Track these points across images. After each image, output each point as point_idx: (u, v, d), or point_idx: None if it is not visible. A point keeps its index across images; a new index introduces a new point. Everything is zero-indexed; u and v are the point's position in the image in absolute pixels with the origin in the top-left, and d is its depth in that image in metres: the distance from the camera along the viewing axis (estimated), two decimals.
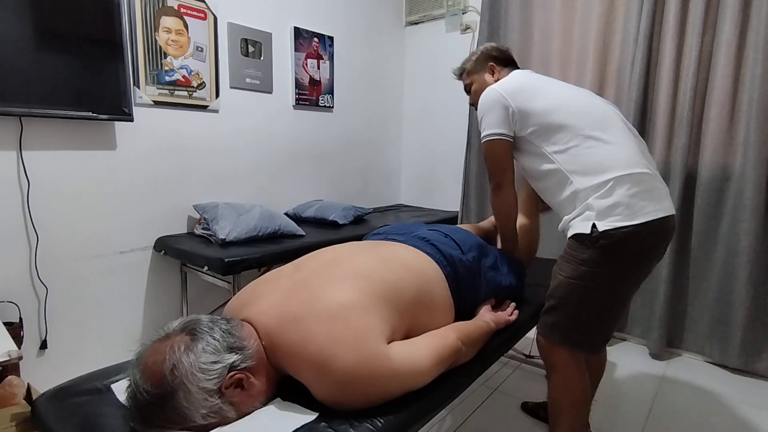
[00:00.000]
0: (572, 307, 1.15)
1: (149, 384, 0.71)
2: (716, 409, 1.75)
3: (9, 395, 1.02)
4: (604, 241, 1.07)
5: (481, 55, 1.46)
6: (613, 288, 1.13)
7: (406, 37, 3.19)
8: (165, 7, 1.88)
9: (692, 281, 2.12)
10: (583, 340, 1.17)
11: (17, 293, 1.60)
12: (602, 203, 1.08)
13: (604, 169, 1.10)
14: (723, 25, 1.93)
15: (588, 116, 1.18)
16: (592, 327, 1.17)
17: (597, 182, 1.10)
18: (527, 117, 1.21)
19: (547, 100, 1.21)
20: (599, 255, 1.08)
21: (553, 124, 1.18)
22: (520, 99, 1.22)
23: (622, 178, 1.08)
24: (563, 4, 2.36)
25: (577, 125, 1.16)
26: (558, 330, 1.18)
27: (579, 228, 1.11)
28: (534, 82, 1.28)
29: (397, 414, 0.80)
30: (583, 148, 1.14)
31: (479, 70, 1.46)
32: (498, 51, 1.45)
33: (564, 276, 1.15)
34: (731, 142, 1.98)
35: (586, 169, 1.13)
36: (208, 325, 0.78)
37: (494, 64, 1.43)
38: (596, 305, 1.14)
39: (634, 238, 1.06)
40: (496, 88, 1.25)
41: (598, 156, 1.13)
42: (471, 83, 1.48)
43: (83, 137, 1.72)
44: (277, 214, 2.05)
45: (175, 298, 2.09)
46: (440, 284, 1.06)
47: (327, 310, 0.80)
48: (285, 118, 2.48)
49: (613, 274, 1.11)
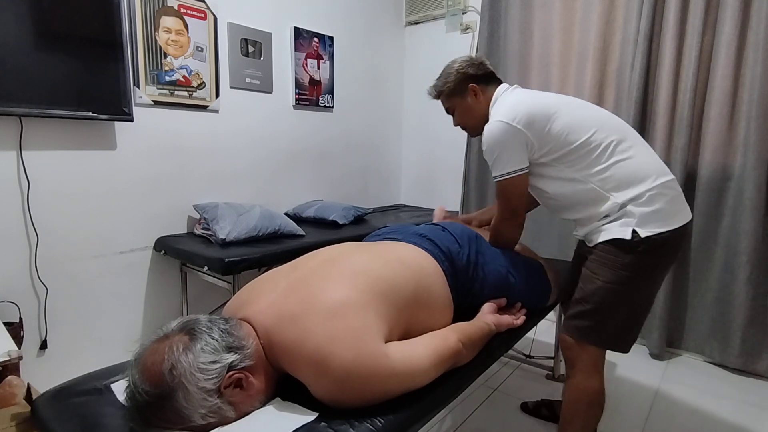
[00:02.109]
0: (610, 311, 1.16)
1: (148, 384, 0.71)
2: (716, 409, 1.75)
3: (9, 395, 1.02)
4: (645, 246, 1.10)
5: (458, 75, 1.33)
6: (648, 289, 1.18)
7: (406, 37, 3.19)
8: (165, 7, 1.88)
9: (692, 281, 2.12)
10: (618, 341, 1.20)
11: (17, 293, 1.60)
12: (643, 210, 1.10)
13: (640, 179, 1.12)
14: (723, 25, 1.92)
15: (606, 130, 1.17)
16: (627, 328, 1.20)
17: (636, 193, 1.12)
18: (547, 144, 1.17)
19: (562, 122, 1.17)
20: (640, 259, 1.11)
21: (576, 145, 1.16)
22: (537, 128, 1.16)
23: (658, 187, 1.12)
24: (563, 4, 2.36)
25: (599, 142, 1.15)
26: (593, 333, 1.18)
27: (617, 233, 1.12)
28: (541, 104, 1.21)
29: (397, 414, 0.80)
30: (613, 163, 1.14)
31: (459, 93, 1.34)
32: (475, 67, 1.33)
33: (603, 281, 1.15)
34: (731, 142, 1.98)
35: (621, 183, 1.13)
36: (206, 325, 0.78)
37: (475, 84, 1.31)
38: (633, 307, 1.17)
39: (671, 241, 1.11)
40: (508, 122, 1.17)
41: (631, 168, 1.13)
42: (453, 107, 1.38)
43: (83, 137, 1.72)
44: (277, 214, 2.05)
45: (175, 298, 2.09)
46: (439, 280, 1.06)
47: (325, 308, 0.81)
48: (285, 118, 2.48)
49: (650, 276, 1.15)
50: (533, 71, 2.50)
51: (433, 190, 3.19)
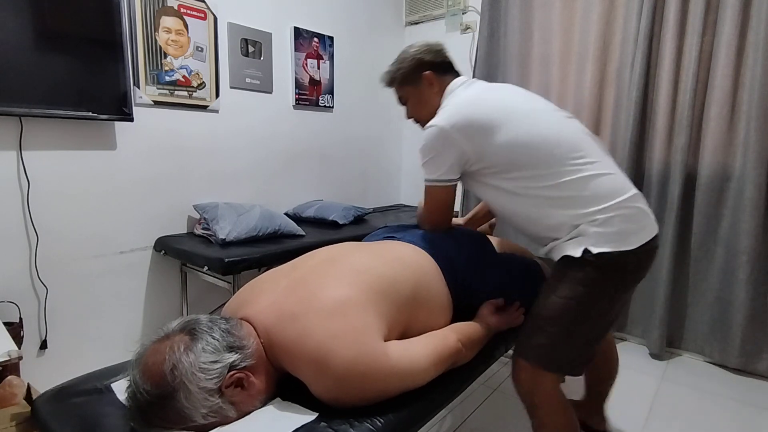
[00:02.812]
0: (565, 327, 1.04)
1: (149, 384, 0.71)
2: (716, 409, 1.75)
3: (9, 395, 1.02)
4: (598, 262, 1.00)
5: (413, 61, 1.23)
6: (606, 308, 1.07)
7: (406, 37, 3.18)
8: (165, 7, 1.88)
9: (692, 281, 2.12)
10: (572, 364, 1.08)
11: (17, 293, 1.60)
12: (598, 231, 1.01)
13: (595, 198, 1.02)
14: (723, 25, 1.92)
15: (562, 144, 1.05)
16: (582, 349, 1.09)
17: (590, 212, 1.02)
18: (487, 157, 1.07)
19: (510, 132, 1.05)
20: (595, 274, 1.02)
21: (523, 159, 1.05)
22: (478, 137, 1.05)
23: (615, 207, 1.01)
24: (563, 4, 2.36)
25: (550, 158, 1.04)
26: (546, 353, 1.05)
27: (570, 251, 1.03)
28: (489, 111, 1.08)
29: (397, 414, 0.80)
30: (564, 181, 1.03)
31: (413, 82, 1.24)
32: (432, 53, 1.23)
33: (559, 296, 1.05)
34: (731, 142, 1.98)
35: (573, 203, 1.03)
36: (207, 325, 0.78)
37: (432, 72, 1.21)
38: (589, 326, 1.06)
39: (631, 260, 1.02)
40: (443, 126, 1.07)
41: (584, 186, 1.03)
42: (405, 96, 1.28)
43: (83, 137, 1.72)
44: (277, 214, 2.05)
45: (175, 298, 2.09)
46: (438, 279, 1.06)
47: (325, 306, 0.81)
48: (285, 118, 2.48)
49: (607, 293, 1.05)
50: (533, 71, 2.51)
51: None
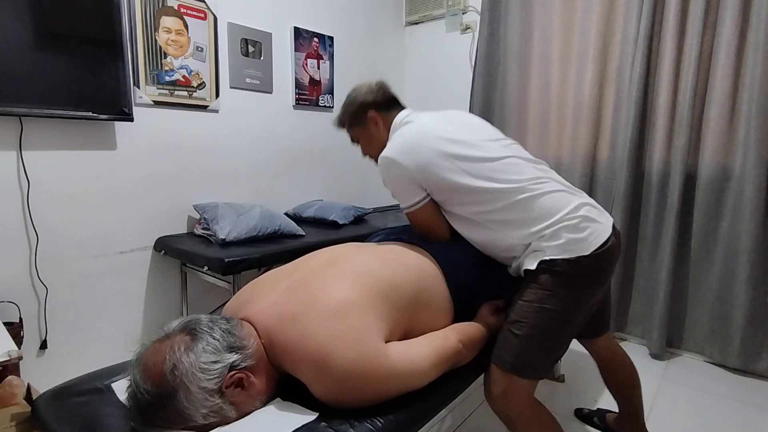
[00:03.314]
0: (531, 330, 1.05)
1: (150, 384, 0.71)
2: (716, 409, 1.75)
3: (9, 395, 1.02)
4: (554, 269, 1.03)
5: (357, 107, 1.29)
6: (570, 311, 1.07)
7: (406, 37, 3.18)
8: (165, 7, 1.88)
9: (692, 281, 2.12)
10: (540, 367, 1.09)
11: (17, 293, 1.60)
12: (546, 244, 1.05)
13: (540, 217, 1.05)
14: (723, 25, 1.92)
15: (504, 171, 1.09)
16: (549, 351, 1.10)
17: (534, 230, 1.05)
18: (436, 187, 1.12)
19: (453, 169, 1.09)
20: (553, 279, 1.04)
21: (469, 190, 1.09)
22: (428, 172, 1.10)
23: (557, 221, 1.04)
24: (563, 4, 2.36)
25: (494, 186, 1.07)
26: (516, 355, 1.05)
27: (528, 265, 1.07)
28: (430, 146, 1.11)
29: (397, 414, 0.80)
30: (508, 201, 1.07)
31: (360, 123, 1.30)
32: (373, 93, 1.28)
33: (522, 300, 1.07)
34: (731, 142, 1.98)
35: (520, 223, 1.07)
36: (207, 325, 0.78)
37: (375, 112, 1.27)
38: (555, 328, 1.07)
39: (582, 264, 1.03)
40: (391, 156, 1.12)
41: (529, 207, 1.06)
42: (356, 137, 1.36)
43: (83, 137, 1.72)
44: (277, 214, 2.04)
45: (175, 298, 2.09)
46: (439, 281, 1.06)
47: (326, 308, 0.81)
48: (285, 118, 2.47)
49: (567, 296, 1.05)
50: (533, 71, 2.51)
51: None
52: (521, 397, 1.08)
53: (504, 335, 1.08)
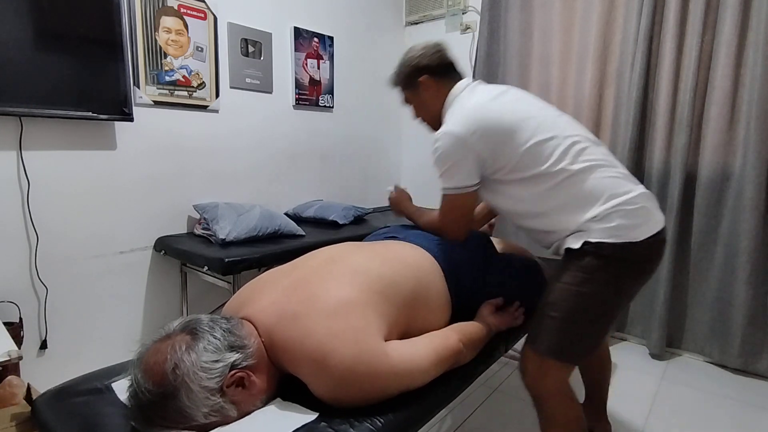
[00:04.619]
0: (569, 313, 1.05)
1: (151, 383, 0.71)
2: (716, 409, 1.75)
3: (9, 395, 1.02)
4: (598, 252, 1.02)
5: (410, 68, 1.22)
6: (609, 297, 1.06)
7: (406, 37, 3.18)
8: (165, 7, 1.88)
9: (692, 281, 2.12)
10: (576, 352, 1.08)
11: (17, 293, 1.60)
12: (600, 226, 1.02)
13: (596, 200, 1.03)
14: (723, 25, 1.93)
15: (570, 150, 1.06)
16: (586, 337, 1.08)
17: (591, 215, 1.03)
18: (501, 161, 1.07)
19: (524, 135, 1.05)
20: (595, 262, 1.02)
21: (534, 161, 1.05)
22: (493, 141, 1.05)
23: (615, 206, 1.02)
24: (563, 4, 2.37)
25: (559, 160, 1.05)
26: (551, 338, 1.06)
27: (571, 244, 1.05)
28: (502, 111, 1.08)
29: (397, 414, 0.80)
30: (571, 185, 1.04)
31: (411, 88, 1.24)
32: (428, 57, 1.20)
33: (560, 282, 1.06)
34: (731, 142, 1.98)
35: (576, 206, 1.04)
36: (208, 325, 0.78)
37: (428, 77, 1.20)
38: (593, 313, 1.06)
39: (631, 253, 1.02)
40: (458, 132, 1.06)
41: (588, 189, 1.04)
42: (408, 99, 1.30)
43: (83, 137, 1.72)
44: (277, 214, 2.04)
45: (175, 298, 2.09)
46: (438, 279, 1.07)
47: (326, 306, 0.81)
48: (285, 118, 2.48)
49: (608, 282, 1.04)
50: (533, 71, 2.51)
51: (433, 190, 3.17)
52: (553, 379, 1.07)
53: (539, 316, 1.08)
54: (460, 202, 1.15)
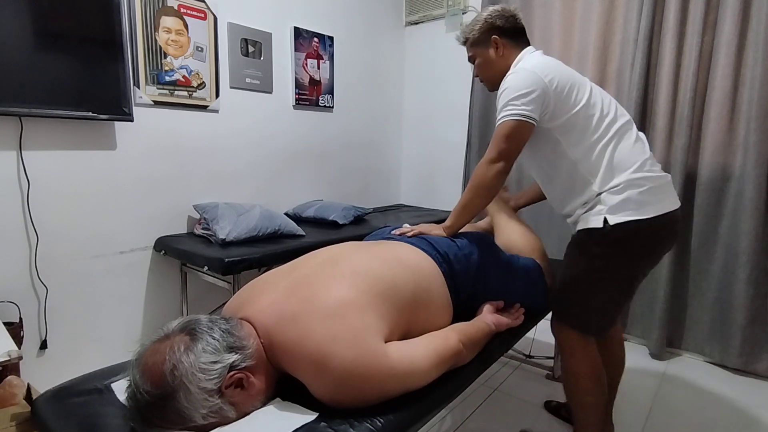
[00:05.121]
0: (585, 295, 1.21)
1: (149, 384, 0.71)
2: (716, 409, 1.75)
3: (9, 395, 1.02)
4: (616, 235, 1.12)
5: (484, 24, 1.30)
6: (622, 279, 1.20)
7: (406, 37, 3.18)
8: (165, 7, 1.88)
9: (692, 281, 2.12)
10: (593, 326, 1.23)
11: (17, 293, 1.60)
12: (615, 198, 1.13)
13: (622, 168, 1.15)
14: (723, 25, 1.93)
15: (610, 115, 1.19)
16: (601, 314, 1.23)
17: (614, 183, 1.14)
18: (559, 109, 1.17)
19: (580, 96, 1.18)
20: (611, 248, 1.15)
21: (581, 121, 1.17)
22: (560, 89, 1.16)
23: (637, 178, 1.14)
24: (563, 4, 2.36)
25: (602, 126, 1.17)
26: (570, 316, 1.25)
27: (591, 222, 1.16)
28: (567, 72, 1.22)
29: (397, 414, 0.80)
30: (604, 148, 1.16)
31: (482, 43, 1.31)
32: (503, 19, 1.29)
33: (579, 269, 1.21)
34: (731, 142, 1.98)
35: (604, 170, 1.16)
36: (207, 325, 0.78)
37: (498, 36, 1.28)
38: (609, 294, 1.20)
39: (644, 231, 1.12)
40: (536, 71, 1.16)
41: (618, 156, 1.16)
42: (474, 56, 1.35)
43: (83, 137, 1.72)
44: (277, 214, 2.04)
45: (175, 298, 2.09)
46: (437, 281, 1.06)
47: (325, 307, 0.81)
48: (285, 118, 2.48)
49: (623, 265, 1.17)
50: None
51: (433, 190, 3.19)
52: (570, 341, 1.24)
53: (559, 288, 1.27)
54: (518, 131, 1.18)
